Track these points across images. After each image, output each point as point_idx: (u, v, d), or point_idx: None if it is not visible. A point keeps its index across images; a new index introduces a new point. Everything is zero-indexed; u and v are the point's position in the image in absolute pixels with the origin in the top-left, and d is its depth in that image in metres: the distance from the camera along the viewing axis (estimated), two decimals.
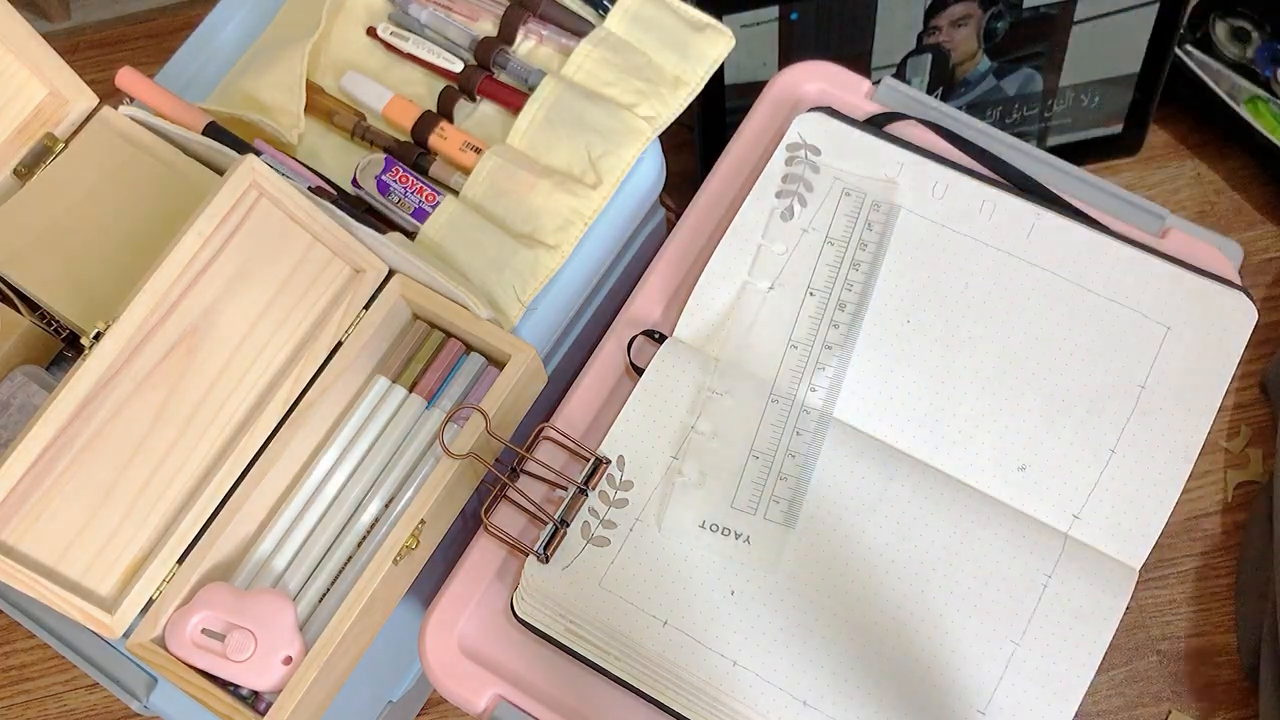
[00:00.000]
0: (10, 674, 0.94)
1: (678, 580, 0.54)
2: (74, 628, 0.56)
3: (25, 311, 0.59)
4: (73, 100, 0.60)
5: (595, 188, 0.63)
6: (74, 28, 1.16)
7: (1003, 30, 0.89)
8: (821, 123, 0.63)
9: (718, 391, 0.57)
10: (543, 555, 0.54)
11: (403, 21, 0.68)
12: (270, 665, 0.52)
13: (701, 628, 0.53)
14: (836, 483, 0.55)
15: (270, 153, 0.61)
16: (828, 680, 0.52)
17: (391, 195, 0.62)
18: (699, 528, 0.54)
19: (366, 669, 0.58)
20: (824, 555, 0.54)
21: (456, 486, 0.56)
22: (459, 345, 0.59)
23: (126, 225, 0.59)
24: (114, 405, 0.52)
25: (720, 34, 0.67)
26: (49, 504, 0.51)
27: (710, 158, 0.69)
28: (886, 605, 0.53)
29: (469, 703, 0.54)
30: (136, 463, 0.53)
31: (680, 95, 0.65)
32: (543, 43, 0.67)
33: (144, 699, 0.56)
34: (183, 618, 0.53)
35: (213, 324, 0.54)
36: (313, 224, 0.56)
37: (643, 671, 0.53)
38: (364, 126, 0.65)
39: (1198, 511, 0.90)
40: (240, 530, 0.55)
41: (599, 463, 0.56)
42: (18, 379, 0.57)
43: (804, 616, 0.53)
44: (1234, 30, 0.98)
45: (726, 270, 0.60)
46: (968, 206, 0.61)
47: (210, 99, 0.66)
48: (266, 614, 0.53)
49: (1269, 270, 0.97)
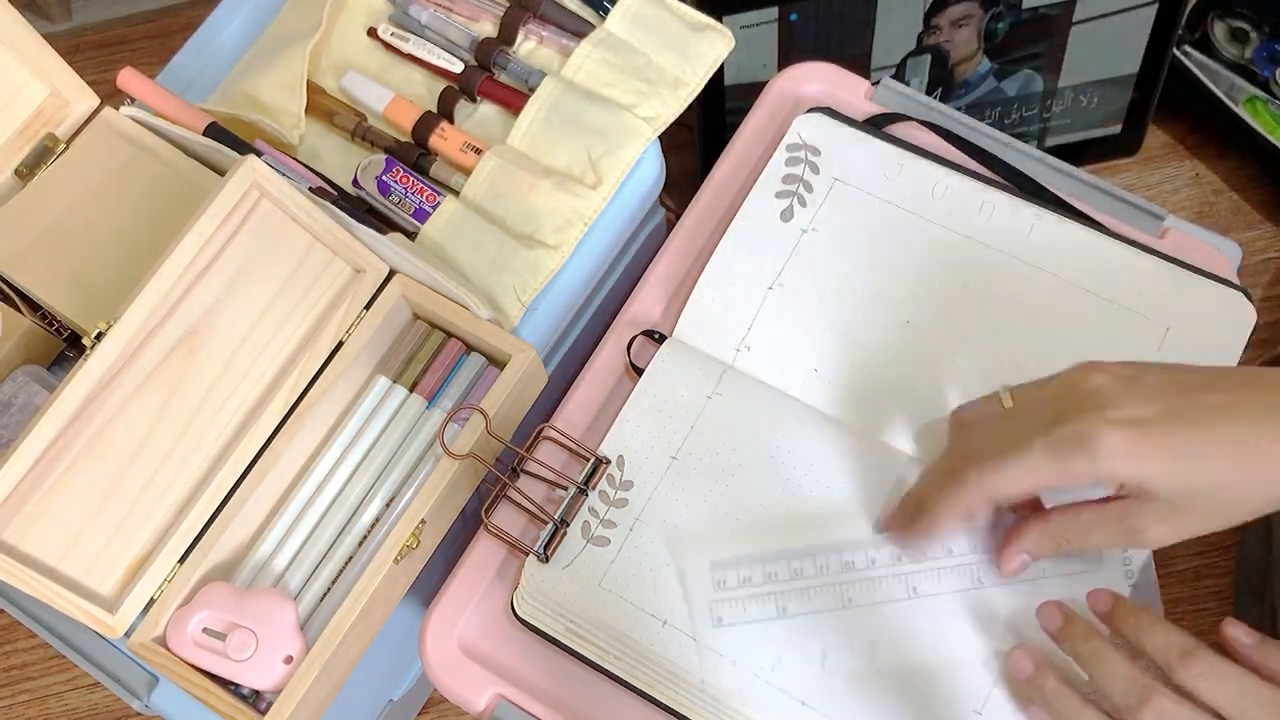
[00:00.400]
0: (11, 673, 0.94)
1: (677, 580, 0.54)
2: (75, 627, 0.56)
3: (26, 311, 0.59)
4: (74, 101, 0.60)
5: (595, 188, 0.63)
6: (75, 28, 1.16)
7: (1003, 31, 0.89)
8: (821, 123, 0.63)
9: (718, 392, 0.57)
10: (543, 555, 0.54)
11: (403, 22, 0.68)
12: (271, 664, 0.52)
13: (701, 628, 0.53)
14: (835, 484, 0.55)
15: (271, 153, 0.62)
16: (826, 680, 0.52)
17: (392, 196, 0.62)
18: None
19: (367, 668, 0.58)
20: (823, 555, 0.54)
21: (457, 486, 0.56)
22: (459, 345, 0.59)
23: (128, 225, 0.59)
24: (115, 405, 0.52)
25: (720, 34, 0.67)
26: (51, 503, 0.51)
27: (710, 158, 0.69)
28: (885, 605, 0.53)
29: (469, 702, 0.54)
30: (138, 462, 0.53)
31: (680, 95, 0.65)
32: (543, 43, 0.67)
33: (145, 698, 0.56)
34: (184, 617, 0.53)
35: (214, 324, 0.54)
36: (313, 224, 0.56)
37: (642, 671, 0.53)
38: (364, 127, 0.65)
39: None
40: (241, 530, 0.55)
41: (599, 463, 0.56)
42: (19, 379, 0.57)
43: (803, 616, 0.53)
44: (1232, 31, 0.98)
45: (726, 271, 0.60)
46: (967, 207, 0.61)
47: (211, 99, 0.66)
48: (267, 613, 0.53)
49: (1268, 270, 0.97)
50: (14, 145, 0.59)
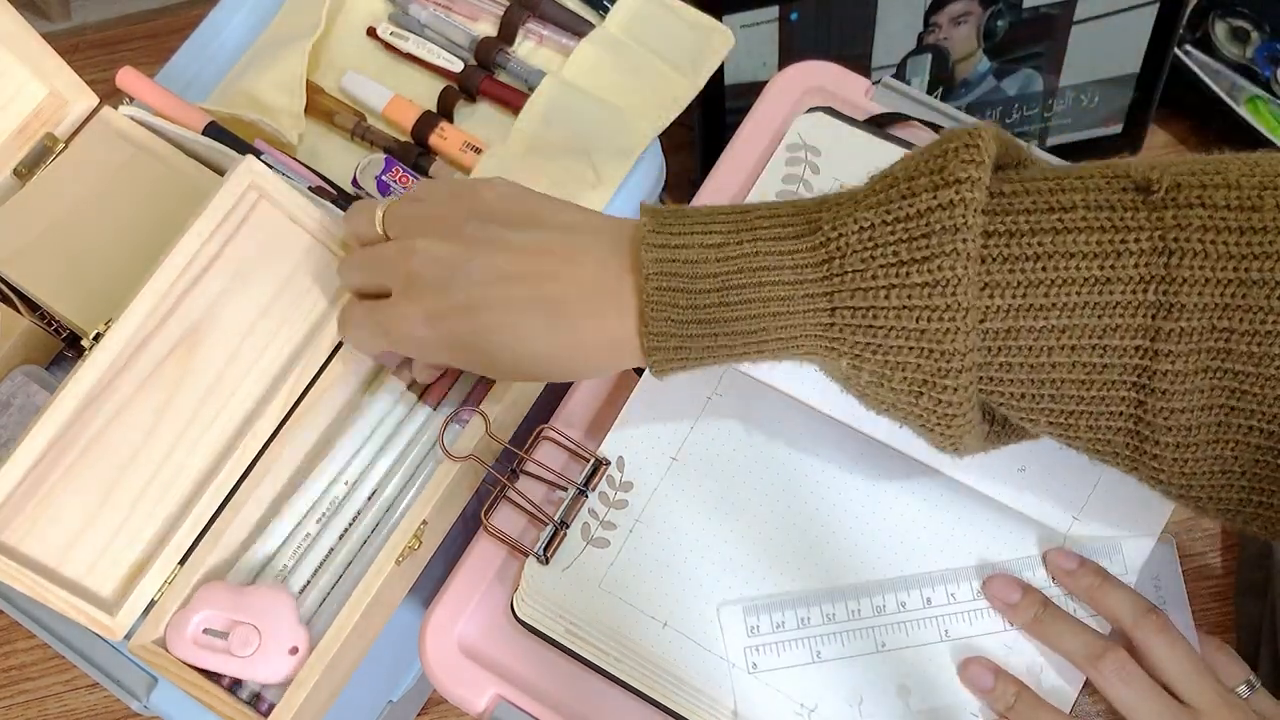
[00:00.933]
0: (10, 674, 0.94)
1: (677, 581, 0.54)
2: (74, 627, 0.56)
3: (25, 311, 0.59)
4: (73, 100, 0.60)
5: (595, 188, 0.63)
6: (74, 28, 1.16)
7: (1002, 30, 0.89)
8: (821, 123, 0.63)
9: (718, 393, 0.57)
10: (542, 556, 0.54)
11: (403, 22, 0.68)
12: (276, 657, 0.52)
13: (700, 629, 0.53)
14: (836, 484, 0.55)
15: (270, 153, 0.61)
16: (826, 681, 0.52)
17: (392, 195, 0.62)
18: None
19: (367, 669, 0.58)
20: (823, 557, 0.54)
21: (459, 486, 0.56)
22: None
23: (127, 225, 0.59)
24: (115, 406, 0.52)
25: (720, 34, 0.67)
26: (50, 505, 0.51)
27: (710, 158, 0.69)
28: (886, 607, 0.53)
29: (469, 703, 0.54)
30: (138, 463, 0.53)
31: (680, 95, 0.65)
32: (543, 43, 0.67)
33: (144, 699, 0.56)
34: (183, 619, 0.53)
35: (214, 324, 0.54)
36: (312, 224, 0.56)
37: (642, 672, 0.53)
38: (364, 127, 0.65)
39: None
40: (242, 531, 0.55)
41: (599, 464, 0.56)
42: (18, 379, 0.57)
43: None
44: (1233, 30, 0.98)
45: None
46: None
47: (210, 99, 0.66)
48: (267, 607, 0.53)
49: None
50: (13, 145, 0.59)
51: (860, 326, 0.41)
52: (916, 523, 0.54)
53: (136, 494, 0.53)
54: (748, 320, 0.43)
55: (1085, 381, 0.41)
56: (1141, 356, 0.39)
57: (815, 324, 0.43)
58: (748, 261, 0.43)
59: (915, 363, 0.41)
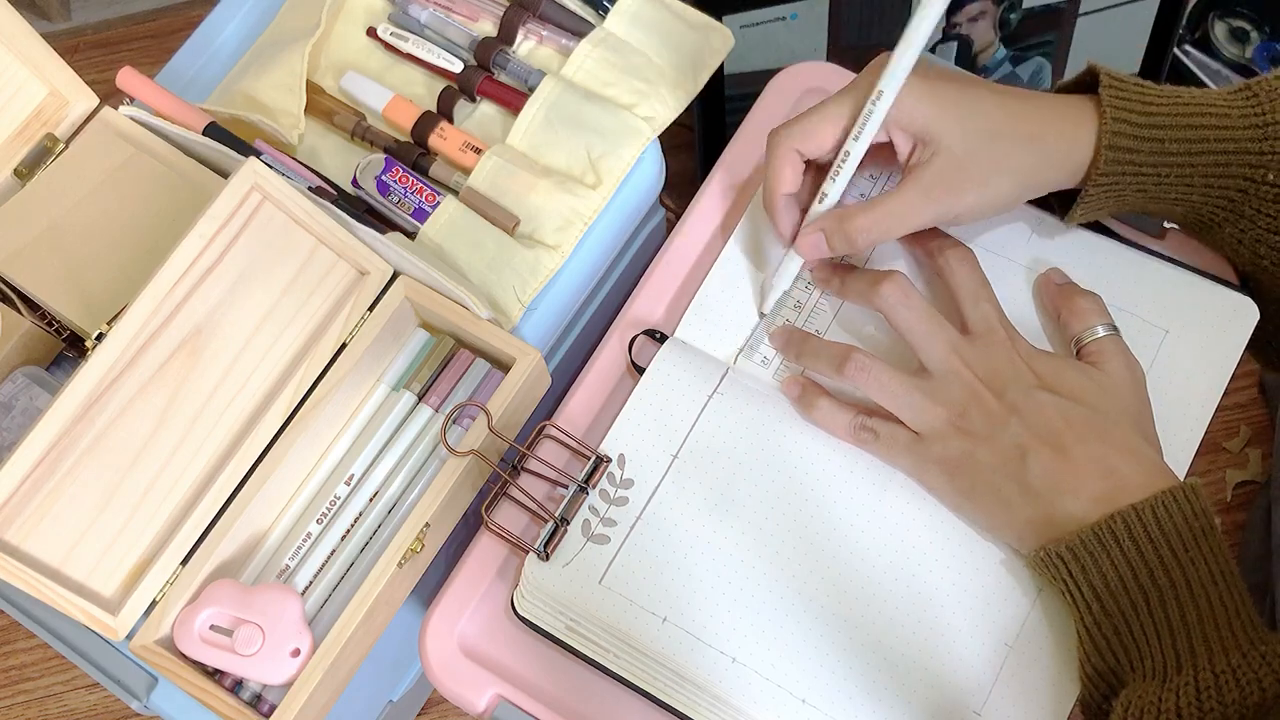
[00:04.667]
0: (10, 674, 0.94)
1: (677, 578, 0.54)
2: (74, 627, 0.56)
3: (26, 312, 0.59)
4: (73, 100, 0.60)
5: (595, 188, 0.63)
6: (74, 28, 1.16)
7: (1016, 20, 0.97)
8: None
9: (719, 391, 0.57)
10: (543, 553, 0.54)
11: (403, 22, 0.68)
12: (279, 658, 0.52)
13: (700, 625, 0.53)
14: (835, 482, 0.55)
15: (271, 153, 0.62)
16: (826, 678, 0.52)
17: (391, 195, 0.62)
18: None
19: (367, 669, 0.58)
20: (824, 555, 0.54)
21: (460, 489, 0.56)
22: (470, 355, 0.59)
23: (127, 226, 0.59)
24: (117, 407, 0.52)
25: (720, 34, 0.67)
26: (53, 505, 0.51)
27: (710, 158, 0.69)
28: (885, 605, 0.53)
29: (469, 702, 0.54)
30: (140, 465, 0.53)
31: (680, 95, 0.65)
32: (543, 43, 0.67)
33: (144, 699, 0.56)
34: (190, 615, 0.53)
35: (217, 326, 0.54)
36: (316, 227, 0.56)
37: (642, 669, 0.53)
38: (364, 127, 0.65)
39: None
40: (244, 533, 0.55)
41: (600, 461, 0.56)
42: (19, 380, 0.57)
43: (804, 615, 0.53)
44: (1233, 30, 0.98)
45: (730, 270, 0.60)
46: None
47: (211, 99, 0.66)
48: (274, 607, 0.53)
49: None
50: (13, 145, 0.59)
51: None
52: (916, 520, 0.54)
53: (139, 494, 0.53)
54: None
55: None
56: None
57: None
58: None
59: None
